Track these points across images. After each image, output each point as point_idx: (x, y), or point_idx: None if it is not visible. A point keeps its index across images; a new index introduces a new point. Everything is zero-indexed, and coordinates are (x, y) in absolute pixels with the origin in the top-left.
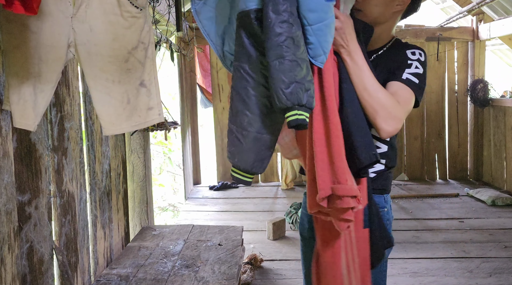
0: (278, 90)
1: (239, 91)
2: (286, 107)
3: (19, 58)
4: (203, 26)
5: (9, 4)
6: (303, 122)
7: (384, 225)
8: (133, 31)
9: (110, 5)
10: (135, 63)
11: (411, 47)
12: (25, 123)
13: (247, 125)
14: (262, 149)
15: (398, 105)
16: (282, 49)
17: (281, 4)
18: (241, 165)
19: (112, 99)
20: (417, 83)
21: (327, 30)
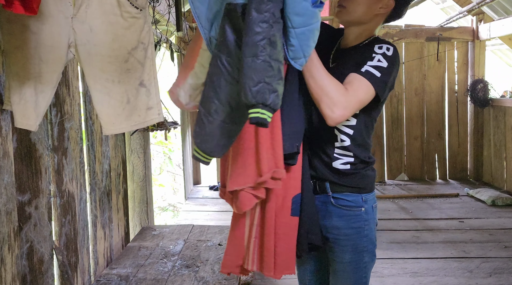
0: (246, 86)
1: (213, 79)
2: (250, 104)
3: (20, 58)
4: (194, 8)
5: (9, 4)
6: (263, 121)
7: (317, 219)
8: (133, 32)
9: (110, 5)
10: (134, 63)
11: (381, 42)
12: (26, 123)
13: (214, 112)
14: (224, 137)
15: (344, 92)
16: (257, 48)
17: (264, 4)
18: (202, 147)
19: (111, 99)
20: (378, 76)
21: (310, 35)
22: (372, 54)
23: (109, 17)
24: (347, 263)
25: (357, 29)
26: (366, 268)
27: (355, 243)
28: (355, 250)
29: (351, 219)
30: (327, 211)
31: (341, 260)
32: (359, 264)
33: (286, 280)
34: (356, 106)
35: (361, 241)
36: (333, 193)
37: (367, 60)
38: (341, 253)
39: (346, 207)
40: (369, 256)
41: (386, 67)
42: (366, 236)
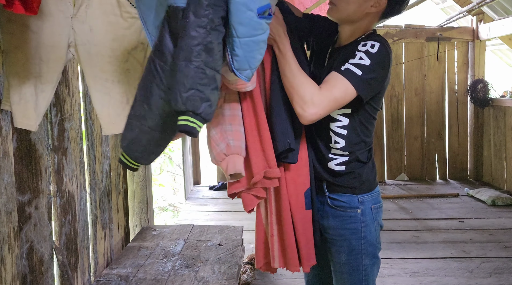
0: (176, 91)
1: (145, 83)
2: (179, 110)
3: (20, 58)
4: (141, 13)
5: (9, 4)
6: (191, 130)
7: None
8: (133, 32)
9: (110, 5)
10: (134, 64)
11: (370, 39)
12: (26, 123)
13: (142, 117)
14: (152, 145)
15: (316, 91)
16: (191, 53)
17: (203, 9)
18: (127, 151)
19: (111, 99)
20: (359, 74)
21: (256, 46)
22: (355, 51)
23: (109, 17)
24: (343, 264)
25: (349, 27)
26: (366, 271)
27: (350, 244)
28: (351, 252)
29: (345, 220)
30: (324, 211)
31: (338, 260)
32: (356, 266)
33: (286, 280)
34: (331, 104)
35: (357, 243)
36: (330, 193)
37: (349, 58)
38: (338, 254)
39: (340, 207)
40: (369, 259)
41: (368, 65)
42: (363, 238)
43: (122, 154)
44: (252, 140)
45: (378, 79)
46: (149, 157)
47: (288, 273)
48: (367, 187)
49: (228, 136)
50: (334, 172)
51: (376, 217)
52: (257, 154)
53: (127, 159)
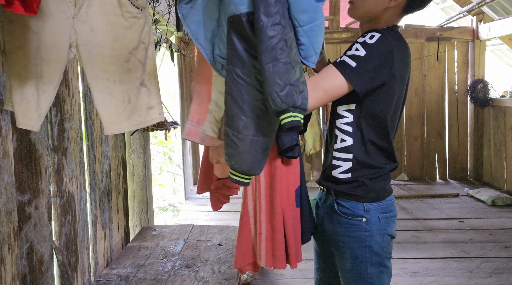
0: (273, 92)
1: (234, 95)
2: (281, 110)
3: (21, 58)
4: (191, 31)
5: (9, 4)
6: (298, 124)
7: (310, 207)
8: (134, 31)
9: (110, 5)
10: (135, 63)
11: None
12: (28, 124)
13: (243, 128)
14: (259, 152)
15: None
16: (276, 51)
17: (272, 6)
18: (238, 167)
19: (113, 99)
20: (353, 66)
21: (318, 30)
22: (354, 44)
23: (110, 17)
24: (348, 270)
25: (369, 25)
26: (372, 279)
27: (353, 252)
28: (355, 260)
29: (349, 228)
30: (330, 216)
31: (342, 266)
32: (361, 274)
33: (286, 280)
34: (319, 95)
35: (361, 251)
36: (336, 198)
37: (346, 51)
38: (342, 260)
39: (345, 214)
40: (375, 267)
41: (363, 56)
42: (368, 247)
43: (233, 172)
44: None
45: (375, 70)
46: (260, 165)
47: (288, 273)
48: (374, 197)
49: None
50: (339, 180)
51: (385, 227)
52: None
53: (239, 176)
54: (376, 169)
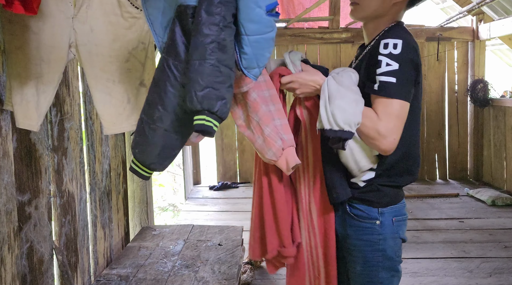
0: (191, 90)
1: (158, 84)
2: (195, 110)
3: (21, 59)
4: (148, 15)
5: (9, 4)
6: (208, 130)
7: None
8: (133, 32)
9: (110, 5)
10: (135, 63)
11: (387, 35)
12: (28, 124)
13: (157, 119)
14: (167, 148)
15: (378, 121)
16: (206, 51)
17: (215, 6)
18: (141, 158)
19: (112, 99)
20: (395, 82)
21: (266, 44)
22: (378, 57)
23: (109, 17)
24: (358, 274)
25: (374, 24)
26: (382, 283)
27: (365, 256)
28: (366, 264)
29: (361, 231)
30: (343, 218)
31: (353, 270)
32: (372, 278)
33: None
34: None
35: (373, 255)
36: (348, 200)
37: (376, 68)
38: (353, 263)
39: (358, 217)
40: (386, 272)
41: (398, 68)
42: (380, 251)
43: (134, 162)
44: (268, 218)
45: (411, 79)
46: (164, 162)
47: None
48: (387, 202)
49: (279, 130)
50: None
51: (397, 230)
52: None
53: (140, 167)
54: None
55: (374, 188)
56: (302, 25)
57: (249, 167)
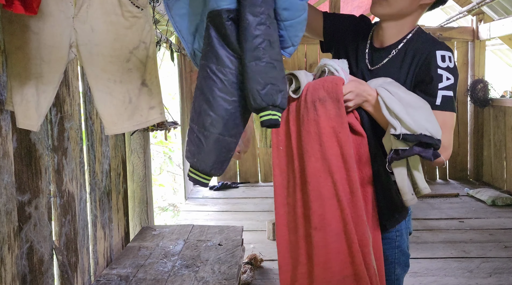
0: (254, 91)
1: (204, 91)
2: (260, 108)
3: (21, 59)
4: (175, 22)
5: (9, 4)
6: (275, 122)
7: None
8: (134, 31)
9: (111, 5)
10: (136, 63)
11: (439, 46)
12: (28, 124)
13: (210, 126)
14: (223, 152)
15: (442, 135)
16: (259, 51)
17: (258, 6)
18: (200, 166)
19: (114, 99)
20: (452, 96)
21: (299, 26)
22: (438, 70)
23: (110, 16)
24: None
25: (396, 23)
26: (398, 280)
27: (384, 253)
28: (385, 261)
29: None
30: None
31: None
32: (389, 276)
33: None
34: (452, 139)
35: (391, 253)
36: None
37: (437, 82)
38: None
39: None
40: (401, 268)
41: (454, 81)
42: (397, 247)
43: (192, 171)
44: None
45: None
46: (222, 166)
47: None
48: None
49: None
50: None
51: (408, 225)
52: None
53: (199, 175)
54: None
55: (401, 204)
56: None
57: (249, 167)
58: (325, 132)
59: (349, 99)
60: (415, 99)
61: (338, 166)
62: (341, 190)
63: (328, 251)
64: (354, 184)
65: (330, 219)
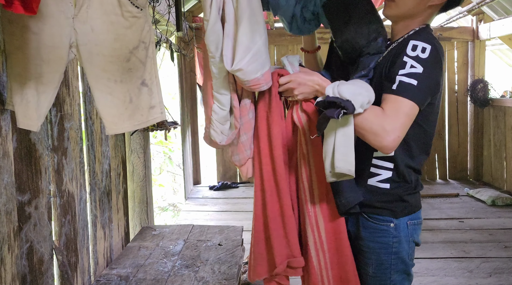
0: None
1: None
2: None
3: (21, 59)
4: None
5: (8, 4)
6: None
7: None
8: (134, 31)
9: (110, 5)
10: (136, 63)
11: (417, 37)
12: (28, 124)
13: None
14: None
15: (384, 119)
16: None
17: None
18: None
19: (114, 99)
20: (414, 84)
21: None
22: (403, 57)
23: (110, 17)
24: (370, 276)
25: (404, 23)
26: None
27: (379, 258)
28: (379, 266)
29: (376, 233)
30: (356, 219)
31: (365, 271)
32: (383, 281)
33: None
34: (404, 126)
35: (387, 258)
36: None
37: (399, 69)
38: (365, 265)
39: (373, 219)
40: (398, 275)
41: (421, 72)
42: (394, 253)
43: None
44: (275, 227)
45: (434, 83)
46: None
47: None
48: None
49: (250, 142)
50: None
51: (412, 234)
52: (279, 241)
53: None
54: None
55: (396, 198)
56: None
57: None
58: (260, 116)
59: (292, 87)
60: (356, 81)
61: (265, 147)
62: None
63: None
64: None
65: (257, 205)
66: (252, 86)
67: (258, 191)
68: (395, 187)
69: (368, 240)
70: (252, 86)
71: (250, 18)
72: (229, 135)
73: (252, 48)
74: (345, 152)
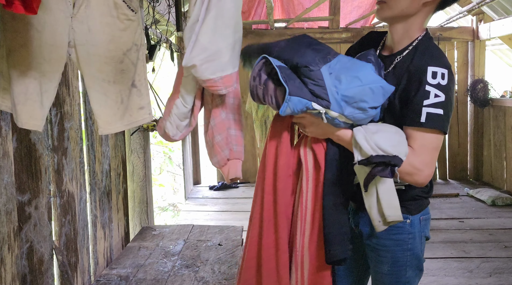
0: None
1: None
2: None
3: (25, 57)
4: None
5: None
6: None
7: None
8: (128, 33)
9: (107, 7)
10: (128, 64)
11: (434, 62)
12: (33, 124)
13: None
14: None
15: (415, 157)
16: None
17: None
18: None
19: (108, 99)
20: (441, 114)
21: None
22: (426, 86)
23: (106, 18)
24: (385, 274)
25: (402, 25)
26: (409, 283)
27: (394, 255)
28: (395, 263)
29: (391, 230)
30: (367, 217)
31: (379, 270)
32: (399, 278)
33: None
34: (433, 159)
35: (402, 255)
36: None
37: (423, 99)
38: (380, 263)
39: None
40: (413, 271)
41: (444, 100)
42: (409, 250)
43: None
44: (267, 257)
45: (452, 107)
46: None
47: None
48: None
49: (232, 141)
50: None
51: (423, 229)
52: (269, 273)
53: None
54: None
55: (411, 197)
56: (302, 25)
57: (249, 167)
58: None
59: (303, 123)
60: (380, 126)
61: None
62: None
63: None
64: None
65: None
66: (210, 87)
67: (256, 218)
68: (410, 188)
69: (383, 238)
70: (209, 87)
71: (216, 19)
72: (183, 132)
73: (209, 48)
74: (390, 199)
